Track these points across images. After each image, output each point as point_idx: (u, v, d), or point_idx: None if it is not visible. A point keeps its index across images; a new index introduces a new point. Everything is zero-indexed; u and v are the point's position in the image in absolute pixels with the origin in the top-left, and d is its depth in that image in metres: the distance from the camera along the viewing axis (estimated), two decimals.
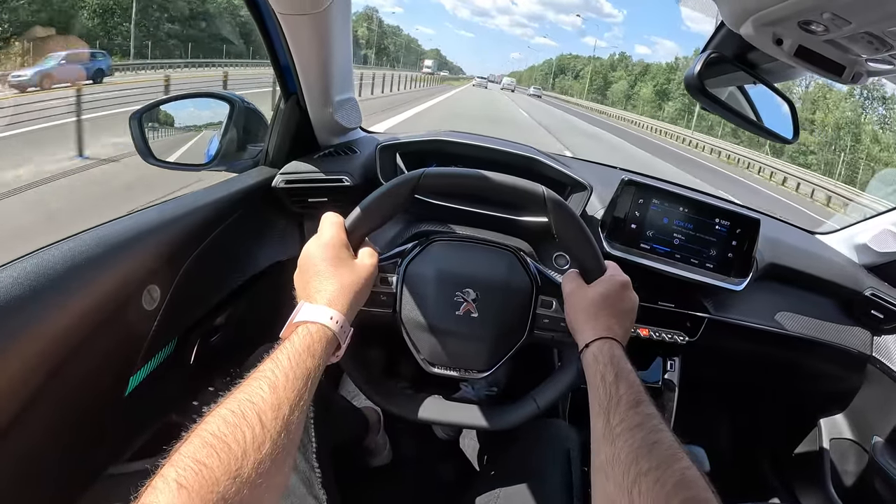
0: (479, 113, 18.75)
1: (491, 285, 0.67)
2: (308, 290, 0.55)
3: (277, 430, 0.41)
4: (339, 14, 0.73)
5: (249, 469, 0.38)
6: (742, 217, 0.99)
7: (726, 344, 1.09)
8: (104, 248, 0.61)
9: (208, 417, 0.41)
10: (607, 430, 0.49)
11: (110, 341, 0.61)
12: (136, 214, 0.70)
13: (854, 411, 1.21)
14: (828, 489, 1.19)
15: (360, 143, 1.06)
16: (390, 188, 0.62)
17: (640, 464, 0.44)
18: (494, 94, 41.86)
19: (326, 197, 0.92)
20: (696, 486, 0.42)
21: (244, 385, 0.44)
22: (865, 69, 0.64)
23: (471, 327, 0.66)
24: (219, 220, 0.80)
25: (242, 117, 0.96)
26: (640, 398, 0.51)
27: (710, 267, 0.99)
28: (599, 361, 0.55)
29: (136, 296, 0.64)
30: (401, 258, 0.68)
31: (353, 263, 0.58)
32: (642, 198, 0.97)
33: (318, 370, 0.49)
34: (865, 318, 1.13)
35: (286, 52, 0.79)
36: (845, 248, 1.22)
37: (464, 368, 0.68)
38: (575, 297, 0.63)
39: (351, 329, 0.55)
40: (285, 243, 0.93)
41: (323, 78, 0.85)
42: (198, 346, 0.81)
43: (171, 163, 0.96)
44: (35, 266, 0.53)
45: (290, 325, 0.52)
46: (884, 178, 14.47)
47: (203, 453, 0.37)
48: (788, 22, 0.57)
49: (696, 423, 1.29)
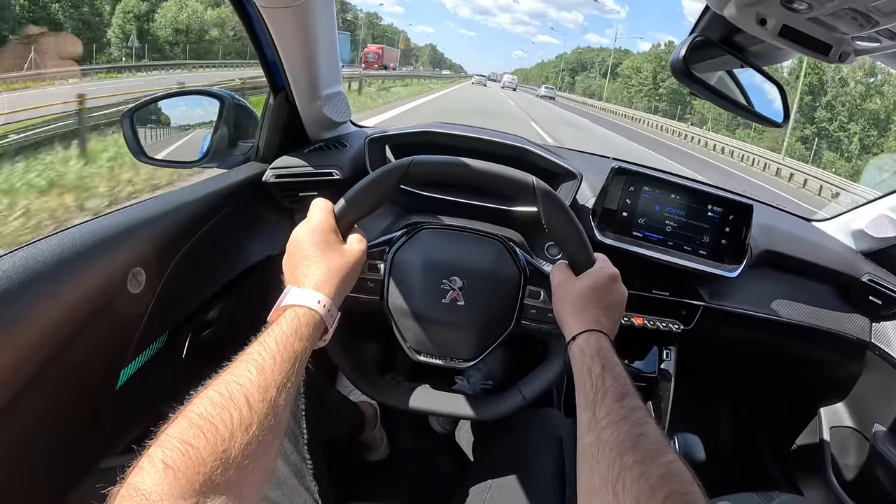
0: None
1: (478, 274, 0.67)
2: (296, 274, 0.55)
3: (265, 412, 0.42)
4: (322, 6, 0.74)
5: (236, 450, 0.38)
6: (735, 203, 0.98)
7: (722, 332, 1.08)
8: (93, 242, 0.61)
9: (195, 399, 0.41)
10: (593, 422, 0.49)
11: (101, 334, 0.61)
12: (126, 209, 0.71)
13: (854, 399, 1.20)
14: (828, 477, 1.18)
15: (349, 136, 1.07)
16: (380, 175, 0.62)
17: (625, 458, 0.43)
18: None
19: (317, 191, 0.92)
20: (681, 480, 0.41)
21: (231, 367, 0.44)
22: (853, 48, 0.64)
23: (457, 315, 0.66)
24: (209, 214, 0.81)
25: (233, 114, 0.96)
26: (626, 391, 0.51)
27: (704, 254, 0.98)
28: (586, 354, 0.55)
29: (124, 287, 0.64)
30: (389, 245, 0.69)
31: (341, 248, 0.58)
32: (633, 185, 0.97)
33: (305, 353, 0.49)
34: (863, 304, 1.12)
35: (272, 46, 0.80)
36: (842, 234, 1.21)
37: (449, 357, 0.68)
38: (563, 289, 0.63)
39: (338, 313, 0.55)
40: (276, 237, 0.93)
41: (310, 72, 0.85)
42: (189, 340, 0.81)
43: (162, 160, 0.97)
44: (24, 259, 0.54)
45: (278, 308, 0.52)
46: (879, 164, 14.28)
47: (190, 434, 0.38)
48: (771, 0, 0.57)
49: (695, 412, 1.29)
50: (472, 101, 23.09)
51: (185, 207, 0.77)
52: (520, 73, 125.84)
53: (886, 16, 0.51)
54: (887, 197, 1.14)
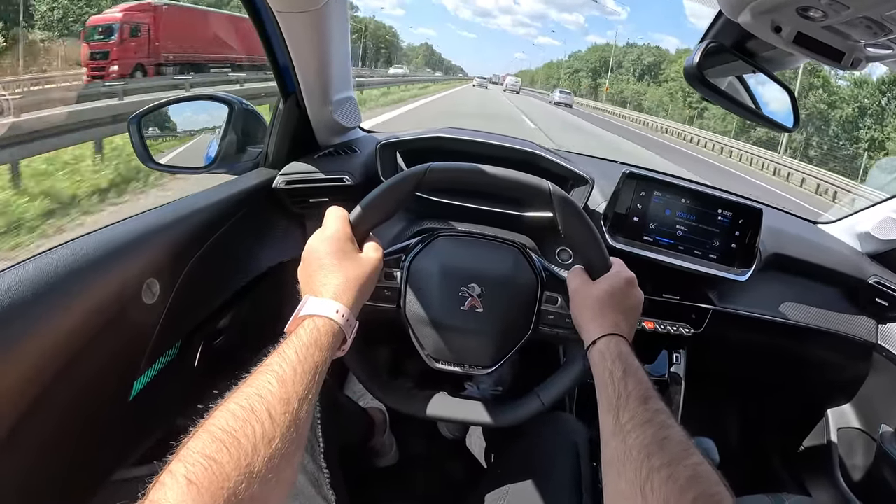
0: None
1: (496, 280, 0.67)
2: (313, 283, 0.55)
3: (287, 425, 0.41)
4: (336, 11, 0.74)
5: (260, 464, 0.38)
6: (744, 207, 0.99)
7: (732, 335, 1.09)
8: (105, 252, 0.60)
9: (216, 412, 0.40)
10: (617, 426, 0.49)
11: (114, 344, 0.61)
12: (139, 217, 0.70)
13: (861, 400, 1.21)
14: (836, 479, 1.19)
15: (359, 142, 1.06)
16: (395, 182, 0.62)
17: (652, 460, 0.43)
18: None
19: (327, 196, 0.92)
20: (708, 481, 0.42)
21: (251, 379, 0.44)
22: (865, 54, 0.64)
23: (476, 322, 0.66)
24: (220, 222, 0.80)
25: (241, 119, 0.96)
26: (649, 394, 0.51)
27: (714, 258, 0.98)
28: (607, 358, 0.55)
29: (137, 297, 0.63)
30: (405, 253, 0.68)
31: (357, 257, 0.58)
32: (644, 190, 0.97)
33: (325, 364, 0.48)
34: (870, 306, 1.12)
35: (284, 51, 0.79)
36: (848, 236, 1.22)
37: (468, 364, 0.67)
38: (580, 294, 0.63)
39: (356, 323, 0.55)
40: (287, 244, 0.92)
41: (321, 76, 0.85)
42: (202, 349, 0.80)
43: (170, 166, 0.96)
44: (36, 270, 0.53)
45: (296, 318, 0.51)
46: (884, 167, 14.39)
47: (212, 448, 0.37)
48: (787, 9, 0.57)
49: (704, 415, 1.29)
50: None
51: (197, 214, 0.76)
52: (524, 74, 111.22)
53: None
54: (893, 199, 1.15)
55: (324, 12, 0.70)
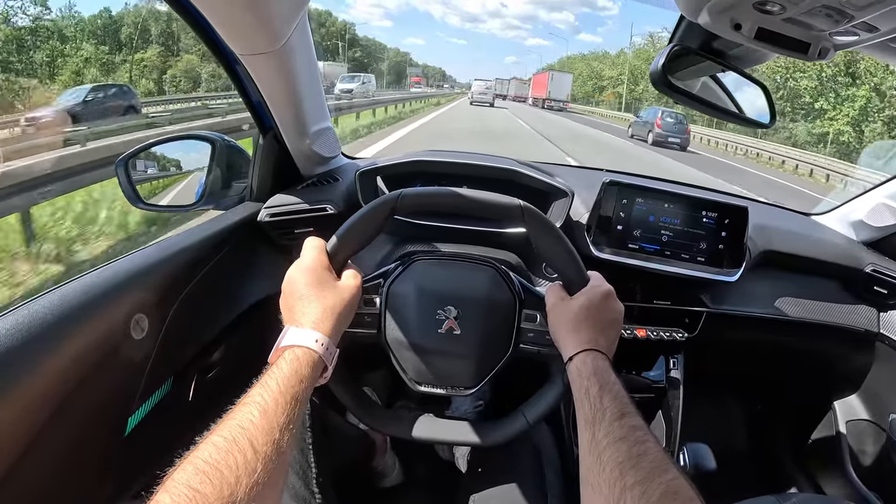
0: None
1: (473, 301, 0.67)
2: (293, 313, 0.56)
3: (269, 454, 0.42)
4: (299, 47, 0.74)
5: (242, 493, 0.39)
6: (729, 207, 0.98)
7: (729, 336, 1.08)
8: (94, 294, 0.62)
9: (201, 445, 0.42)
10: (593, 443, 0.49)
11: (107, 382, 0.62)
12: (125, 258, 0.71)
13: (867, 391, 1.19)
14: (847, 471, 1.17)
15: (342, 170, 1.08)
16: (368, 211, 0.63)
17: (626, 478, 0.44)
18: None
19: (312, 227, 0.93)
20: (682, 497, 0.42)
21: (234, 411, 0.45)
22: (832, 43, 0.63)
23: (454, 345, 0.66)
24: (207, 258, 0.82)
25: (224, 155, 0.98)
26: (625, 410, 0.51)
27: (702, 260, 0.98)
28: (583, 375, 0.55)
29: (128, 334, 0.65)
30: (384, 279, 0.69)
31: (335, 285, 0.59)
32: (626, 198, 0.97)
33: (306, 393, 0.50)
34: (869, 295, 1.11)
35: (255, 90, 0.81)
36: (841, 226, 1.20)
37: (450, 386, 0.68)
38: (557, 310, 0.63)
39: (337, 350, 0.56)
40: (274, 276, 0.93)
41: (296, 111, 0.86)
42: (195, 383, 0.82)
43: (159, 206, 0.99)
44: (27, 316, 0.55)
45: (277, 349, 0.53)
46: (873, 152, 13.95)
47: (196, 480, 0.38)
48: (743, 5, 0.57)
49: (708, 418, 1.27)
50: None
51: (183, 253, 0.78)
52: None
53: (861, 9, 0.50)
54: (884, 185, 1.13)
55: (285, 50, 0.71)
